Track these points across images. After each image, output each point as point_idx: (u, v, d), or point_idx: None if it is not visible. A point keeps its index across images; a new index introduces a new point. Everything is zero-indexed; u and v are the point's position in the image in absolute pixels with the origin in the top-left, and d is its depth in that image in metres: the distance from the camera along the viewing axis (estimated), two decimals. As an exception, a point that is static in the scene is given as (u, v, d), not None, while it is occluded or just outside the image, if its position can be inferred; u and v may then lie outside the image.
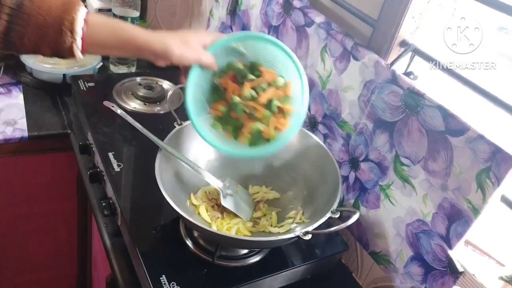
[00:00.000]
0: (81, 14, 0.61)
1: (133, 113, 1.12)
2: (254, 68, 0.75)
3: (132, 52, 0.69)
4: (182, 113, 0.85)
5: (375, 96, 0.80)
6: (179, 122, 0.85)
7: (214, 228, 0.77)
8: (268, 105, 0.72)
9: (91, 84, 1.18)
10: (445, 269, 0.70)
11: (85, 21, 0.62)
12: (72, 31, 0.60)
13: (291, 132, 0.71)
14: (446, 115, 0.68)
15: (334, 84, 0.89)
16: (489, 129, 0.63)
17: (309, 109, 0.97)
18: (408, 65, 0.81)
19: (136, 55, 0.70)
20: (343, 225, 0.67)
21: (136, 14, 1.30)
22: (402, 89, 0.75)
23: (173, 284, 0.70)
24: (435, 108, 0.69)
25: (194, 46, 0.70)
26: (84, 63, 1.30)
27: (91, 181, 0.97)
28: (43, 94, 1.25)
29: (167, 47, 0.67)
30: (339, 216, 0.71)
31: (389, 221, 0.80)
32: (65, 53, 0.63)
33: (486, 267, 0.73)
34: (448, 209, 0.69)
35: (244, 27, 1.17)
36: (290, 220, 0.82)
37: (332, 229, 0.68)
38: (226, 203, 0.80)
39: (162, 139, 0.80)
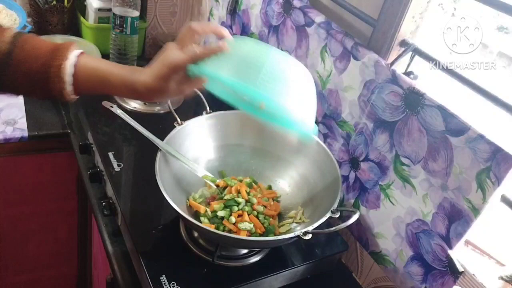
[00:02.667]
0: (70, 61, 0.61)
1: (133, 113, 1.12)
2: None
3: (112, 92, 0.66)
4: (182, 113, 0.85)
5: (375, 96, 0.80)
6: (179, 122, 0.85)
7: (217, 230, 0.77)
8: None
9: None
10: (445, 269, 0.70)
11: (76, 66, 0.62)
12: (59, 78, 0.60)
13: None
14: (446, 115, 0.68)
15: (334, 84, 0.89)
16: (489, 129, 0.63)
17: (309, 109, 0.97)
18: (408, 65, 0.81)
19: (126, 95, 0.69)
20: (343, 225, 0.67)
21: (136, 14, 1.30)
22: (402, 89, 0.75)
23: (173, 284, 0.70)
24: (435, 108, 0.69)
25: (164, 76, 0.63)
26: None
27: (91, 181, 0.97)
28: (43, 94, 1.25)
29: (135, 79, 0.63)
30: (339, 216, 0.71)
31: (389, 221, 0.80)
32: (57, 98, 0.63)
33: (486, 267, 0.73)
34: (448, 209, 0.69)
35: (244, 27, 1.17)
36: (290, 220, 0.82)
37: (332, 229, 0.68)
38: None
39: (162, 139, 0.80)
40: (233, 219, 0.77)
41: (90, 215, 1.20)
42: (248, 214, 0.78)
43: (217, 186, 0.85)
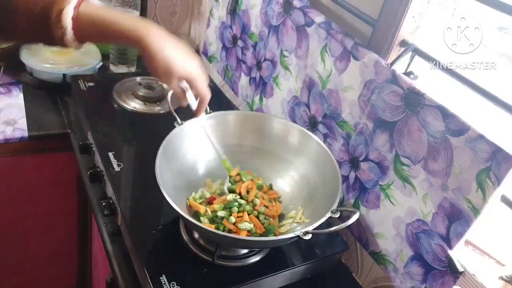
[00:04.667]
0: (70, 5, 0.61)
1: (133, 113, 1.13)
2: None
3: (120, 40, 0.69)
4: (182, 113, 0.85)
5: (375, 96, 0.80)
6: (179, 122, 0.85)
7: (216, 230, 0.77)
8: None
9: (91, 84, 1.18)
10: (445, 269, 0.70)
11: (76, 10, 0.61)
12: (60, 23, 0.60)
13: None
14: (446, 115, 0.68)
15: (334, 84, 0.89)
16: (489, 129, 0.63)
17: (309, 109, 0.97)
18: (408, 65, 0.81)
19: (124, 43, 0.71)
20: (343, 225, 0.67)
21: (136, 14, 1.30)
22: (402, 89, 0.75)
23: (173, 284, 0.70)
24: (435, 108, 0.69)
25: (173, 76, 0.71)
26: (84, 62, 1.30)
27: (91, 181, 0.97)
28: (43, 94, 1.25)
29: (153, 56, 0.67)
30: (339, 216, 0.71)
31: (389, 221, 0.80)
32: (58, 43, 0.63)
33: (486, 267, 0.73)
34: (448, 209, 0.69)
35: (244, 27, 1.17)
36: (290, 220, 0.82)
37: (332, 229, 0.68)
38: None
39: (162, 139, 0.80)
40: (232, 219, 0.77)
41: (90, 215, 1.20)
42: (249, 214, 0.78)
43: (230, 176, 0.85)
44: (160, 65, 0.68)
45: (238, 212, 0.79)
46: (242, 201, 0.80)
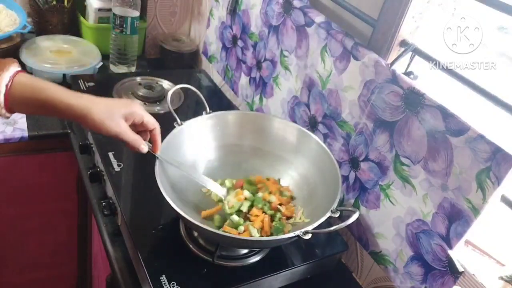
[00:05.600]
0: (6, 74, 0.63)
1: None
2: None
3: (55, 114, 0.69)
4: (182, 113, 0.85)
5: (375, 96, 0.80)
6: (179, 122, 0.85)
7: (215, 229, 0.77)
8: None
9: (91, 83, 1.18)
10: (445, 269, 0.70)
11: (11, 79, 0.64)
12: None
13: None
14: (446, 115, 0.68)
15: (334, 84, 0.89)
16: (489, 129, 0.63)
17: (309, 109, 0.97)
18: (408, 65, 0.81)
19: (61, 117, 0.71)
20: (343, 225, 0.67)
21: (136, 14, 1.30)
22: (402, 89, 0.75)
23: (173, 284, 0.70)
24: (435, 108, 0.69)
25: (117, 118, 0.70)
26: (84, 62, 1.30)
27: (91, 181, 0.97)
28: (43, 94, 1.25)
29: (87, 112, 0.67)
30: (339, 216, 0.71)
31: (389, 221, 0.80)
32: None
33: (486, 267, 0.73)
34: (448, 209, 0.69)
35: (244, 27, 1.17)
36: (290, 220, 0.82)
37: (332, 228, 0.68)
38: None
39: (162, 140, 0.80)
40: (241, 221, 0.78)
41: (90, 215, 1.20)
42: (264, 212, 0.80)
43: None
44: (99, 117, 0.67)
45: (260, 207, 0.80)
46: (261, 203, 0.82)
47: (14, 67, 0.65)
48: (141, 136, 0.74)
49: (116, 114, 0.69)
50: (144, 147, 0.74)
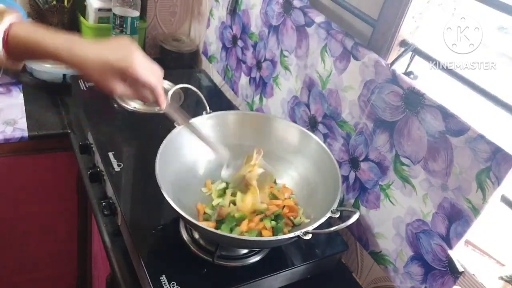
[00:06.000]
0: (1, 25, 0.64)
1: (133, 113, 1.13)
2: None
3: (51, 59, 0.68)
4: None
5: (375, 96, 0.80)
6: (179, 122, 0.85)
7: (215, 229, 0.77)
8: None
9: (91, 83, 1.18)
10: (445, 269, 0.70)
11: (6, 32, 0.65)
12: None
13: None
14: (446, 115, 0.68)
15: (334, 84, 0.89)
16: (489, 129, 0.63)
17: (309, 109, 0.97)
18: (408, 65, 0.81)
19: (57, 62, 0.69)
20: (343, 225, 0.67)
21: (136, 14, 1.30)
22: (402, 89, 0.75)
23: (173, 284, 0.70)
24: (435, 108, 0.69)
25: (110, 77, 0.67)
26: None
27: (91, 181, 0.97)
28: (43, 94, 1.25)
29: (82, 67, 0.66)
30: (339, 216, 0.71)
31: (389, 221, 0.80)
32: None
33: (486, 267, 0.73)
34: (448, 209, 0.69)
35: (244, 27, 1.17)
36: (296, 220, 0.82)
37: (332, 229, 0.68)
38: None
39: (162, 140, 0.80)
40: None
41: (90, 215, 1.20)
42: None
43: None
44: (94, 78, 0.66)
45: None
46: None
47: (9, 18, 0.66)
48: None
49: (109, 72, 0.66)
50: (146, 99, 0.73)
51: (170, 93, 0.84)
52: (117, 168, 0.92)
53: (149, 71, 0.70)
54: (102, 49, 0.67)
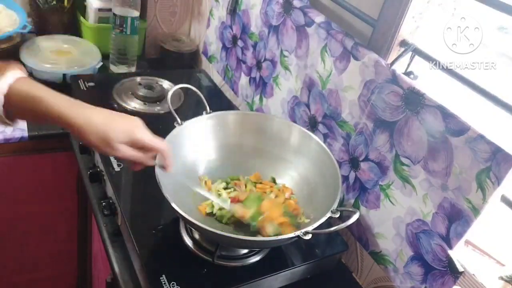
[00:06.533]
0: (4, 81, 0.61)
1: (133, 113, 1.12)
2: None
3: (52, 123, 0.65)
4: (182, 113, 0.85)
5: (375, 96, 0.80)
6: (179, 122, 0.85)
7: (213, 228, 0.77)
8: None
9: (91, 83, 1.18)
10: (445, 269, 0.70)
11: (9, 87, 0.61)
12: None
13: None
14: (446, 115, 0.68)
15: (334, 84, 0.89)
16: (489, 129, 0.63)
17: (309, 109, 0.97)
18: (408, 65, 0.81)
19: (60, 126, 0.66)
20: (343, 225, 0.67)
21: (136, 14, 1.30)
22: (402, 89, 0.75)
23: (173, 284, 0.70)
24: (435, 108, 0.69)
25: (114, 144, 0.64)
26: (84, 62, 1.30)
27: (91, 181, 0.97)
28: (43, 94, 1.25)
29: (83, 132, 0.63)
30: (339, 216, 0.71)
31: (389, 221, 0.80)
32: None
33: (486, 267, 0.73)
34: (448, 209, 0.69)
35: (244, 27, 1.17)
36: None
37: (332, 229, 0.68)
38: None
39: (162, 139, 0.80)
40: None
41: (90, 215, 1.20)
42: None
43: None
44: (95, 139, 0.63)
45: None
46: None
47: (13, 73, 0.63)
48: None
49: (114, 141, 0.64)
50: (150, 162, 0.70)
51: (170, 93, 0.84)
52: (117, 168, 0.92)
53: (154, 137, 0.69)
54: (108, 113, 0.67)
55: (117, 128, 0.65)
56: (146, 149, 0.68)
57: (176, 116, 0.85)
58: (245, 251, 0.80)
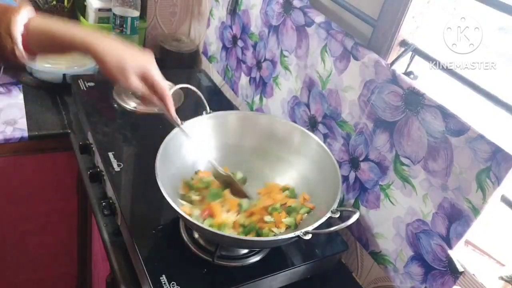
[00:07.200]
0: (19, 19, 0.64)
1: (133, 113, 1.13)
2: None
3: (69, 50, 0.70)
4: (182, 113, 0.85)
5: (375, 96, 0.80)
6: (179, 122, 0.84)
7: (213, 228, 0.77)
8: None
9: (91, 83, 1.18)
10: (445, 269, 0.70)
11: (26, 26, 0.65)
12: (11, 36, 0.63)
13: None
14: (446, 115, 0.68)
15: (334, 84, 0.89)
16: (489, 129, 0.63)
17: (309, 109, 0.97)
18: (408, 65, 0.81)
19: (74, 53, 0.72)
20: (343, 225, 0.67)
21: (136, 14, 1.30)
22: (402, 89, 0.75)
23: (173, 284, 0.70)
24: (435, 108, 0.69)
25: (128, 73, 0.69)
26: (84, 62, 1.30)
27: (91, 181, 0.97)
28: (43, 94, 1.25)
29: (102, 60, 0.67)
30: (339, 216, 0.71)
31: (389, 221, 0.80)
32: (10, 57, 0.65)
33: (486, 267, 0.73)
34: (448, 209, 0.69)
35: (244, 27, 1.17)
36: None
37: (332, 229, 0.68)
38: None
39: (162, 140, 0.80)
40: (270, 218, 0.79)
41: (90, 215, 1.20)
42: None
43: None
44: (112, 65, 0.68)
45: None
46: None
47: (24, 13, 0.66)
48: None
49: (128, 69, 0.69)
50: (156, 102, 0.74)
51: (170, 93, 0.84)
52: (117, 168, 0.92)
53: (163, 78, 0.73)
54: (125, 45, 0.71)
55: (133, 58, 0.70)
56: (153, 88, 0.73)
57: (176, 116, 0.85)
58: (245, 251, 0.80)
